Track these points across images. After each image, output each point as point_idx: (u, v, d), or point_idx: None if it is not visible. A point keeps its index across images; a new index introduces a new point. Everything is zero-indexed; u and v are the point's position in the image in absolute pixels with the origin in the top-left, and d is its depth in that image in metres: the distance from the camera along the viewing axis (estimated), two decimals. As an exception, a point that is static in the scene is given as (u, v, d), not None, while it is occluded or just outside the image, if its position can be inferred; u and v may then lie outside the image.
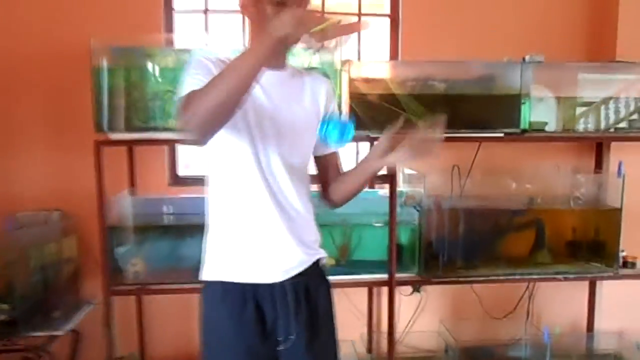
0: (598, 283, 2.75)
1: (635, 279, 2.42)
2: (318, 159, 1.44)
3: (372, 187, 2.62)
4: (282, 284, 1.28)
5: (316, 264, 1.35)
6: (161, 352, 2.66)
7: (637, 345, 2.50)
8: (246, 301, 1.26)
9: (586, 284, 2.79)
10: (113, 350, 2.16)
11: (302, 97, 1.33)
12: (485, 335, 2.71)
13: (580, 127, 2.42)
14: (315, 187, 1.46)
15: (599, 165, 2.69)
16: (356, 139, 2.40)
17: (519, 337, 2.71)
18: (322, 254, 1.38)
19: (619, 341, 2.69)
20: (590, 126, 2.43)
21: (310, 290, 1.33)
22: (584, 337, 2.78)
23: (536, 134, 2.30)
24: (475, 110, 2.27)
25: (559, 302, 2.81)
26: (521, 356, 2.67)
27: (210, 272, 1.30)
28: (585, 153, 2.75)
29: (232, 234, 1.28)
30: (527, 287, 2.75)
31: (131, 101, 2.12)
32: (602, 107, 2.42)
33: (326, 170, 1.45)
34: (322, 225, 1.41)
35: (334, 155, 1.45)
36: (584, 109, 2.43)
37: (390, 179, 2.20)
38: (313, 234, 1.37)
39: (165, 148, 2.56)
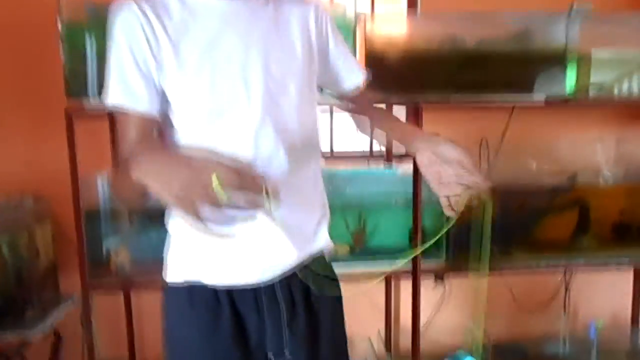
0: (644, 270, 2.44)
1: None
2: (341, 99, 1.21)
3: (390, 164, 2.32)
4: (270, 284, 0.97)
5: (320, 254, 1.07)
6: (153, 355, 2.36)
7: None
8: (221, 309, 0.95)
9: (630, 272, 2.48)
10: (94, 353, 1.87)
11: (285, 30, 0.99)
12: (518, 330, 2.42)
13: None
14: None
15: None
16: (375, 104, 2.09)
17: (556, 332, 2.41)
18: (326, 242, 1.08)
19: (669, 335, 2.39)
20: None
21: (310, 290, 1.02)
22: (628, 331, 2.47)
23: (584, 99, 1.97)
24: (511, 73, 1.95)
25: (598, 292, 2.51)
26: (561, 353, 2.37)
27: (173, 272, 1.00)
28: (629, 120, 2.42)
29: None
30: (564, 276, 2.45)
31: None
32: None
33: (354, 105, 1.24)
34: (332, 209, 1.11)
35: (356, 91, 1.19)
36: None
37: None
38: (316, 216, 1.05)
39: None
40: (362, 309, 2.35)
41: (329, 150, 2.42)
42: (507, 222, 2.06)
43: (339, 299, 1.10)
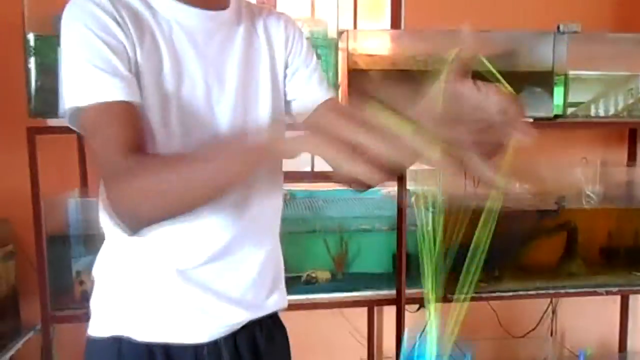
0: (632, 296, 2.39)
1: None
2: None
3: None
4: (214, 342, 0.85)
5: (276, 313, 0.96)
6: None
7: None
8: None
9: (617, 297, 2.42)
10: (55, 391, 1.73)
11: (255, 49, 0.87)
12: (504, 357, 2.34)
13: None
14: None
15: (632, 157, 2.33)
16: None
17: (542, 358, 2.34)
18: (282, 302, 0.96)
19: (657, 362, 2.33)
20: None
21: (258, 344, 0.91)
22: (616, 359, 2.41)
23: (572, 120, 1.93)
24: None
25: (585, 317, 2.44)
26: (547, 381, 2.30)
27: (99, 324, 0.86)
28: (615, 144, 2.38)
29: (134, 263, 0.84)
30: (551, 301, 2.38)
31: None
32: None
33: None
34: (313, 232, 1.01)
35: (331, 102, 0.94)
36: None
37: (398, 175, 1.81)
38: (276, 268, 0.94)
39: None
40: (342, 337, 2.25)
41: (309, 169, 2.34)
42: (494, 245, 1.99)
43: (288, 353, 0.99)
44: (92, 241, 1.87)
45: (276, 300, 0.93)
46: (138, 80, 0.75)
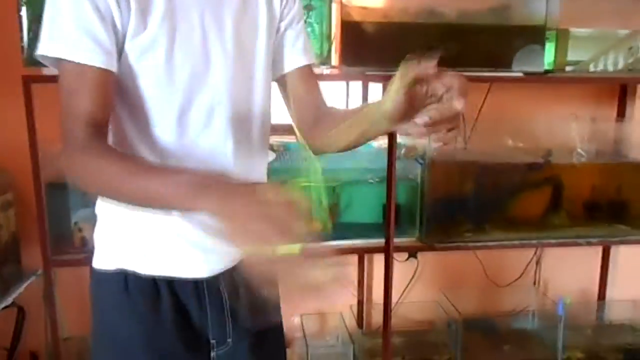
0: (613, 248, 2.48)
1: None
2: (282, 81, 1.00)
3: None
4: (213, 277, 0.92)
5: None
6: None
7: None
8: (161, 298, 0.88)
9: (599, 248, 2.52)
10: (57, 329, 1.81)
11: (255, 12, 0.91)
12: (488, 305, 2.44)
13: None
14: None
15: (621, 113, 2.36)
16: (349, 78, 2.04)
17: (525, 307, 2.45)
18: None
19: (633, 311, 2.44)
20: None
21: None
22: (595, 307, 2.52)
23: (562, 75, 1.95)
24: (490, 46, 1.91)
25: (567, 267, 2.53)
26: (528, 328, 2.41)
27: (105, 258, 0.91)
28: (605, 99, 2.41)
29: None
30: (535, 252, 2.47)
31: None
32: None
33: (300, 95, 0.99)
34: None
35: (305, 72, 0.99)
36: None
37: (388, 127, 1.84)
38: None
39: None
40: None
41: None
42: (482, 198, 2.06)
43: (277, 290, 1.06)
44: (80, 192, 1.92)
45: None
46: (141, 19, 0.79)
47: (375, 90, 2.15)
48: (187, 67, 0.83)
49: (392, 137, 1.85)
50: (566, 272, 2.54)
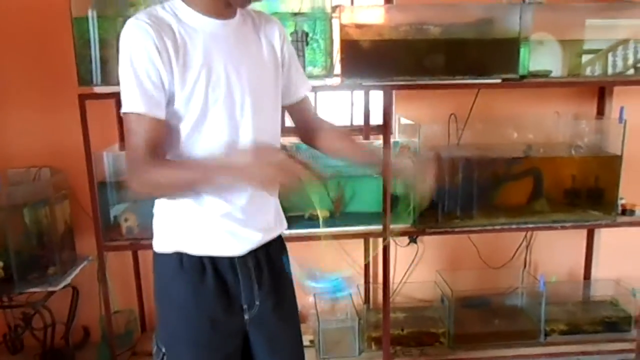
0: (596, 231, 2.73)
1: (634, 227, 2.39)
2: (291, 109, 1.37)
3: (367, 137, 2.57)
4: (243, 255, 1.22)
5: (279, 236, 1.35)
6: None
7: (633, 291, 2.50)
8: (206, 270, 1.20)
9: (584, 232, 2.77)
10: (109, 304, 2.16)
11: (259, 48, 1.22)
12: (482, 284, 2.71)
13: (587, 73, 2.34)
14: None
15: (601, 112, 2.62)
16: (350, 87, 2.33)
17: (515, 287, 2.72)
18: (284, 228, 1.36)
19: (615, 288, 2.69)
20: (597, 73, 2.35)
21: (271, 256, 1.29)
22: (581, 285, 2.78)
23: (534, 80, 2.22)
24: (472, 56, 2.19)
25: (556, 251, 2.80)
26: (518, 304, 2.68)
27: (163, 243, 1.22)
28: (587, 100, 2.67)
29: (196, 202, 1.18)
30: (525, 236, 2.74)
31: (114, 52, 2.04)
32: (610, 54, 2.33)
33: (302, 117, 1.38)
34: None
35: (305, 100, 1.37)
36: (590, 56, 2.35)
37: (384, 128, 2.14)
38: (276, 208, 1.33)
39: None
40: (342, 266, 2.64)
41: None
42: (471, 188, 2.33)
43: (289, 262, 1.38)
44: (126, 188, 2.25)
45: (280, 226, 1.34)
46: (183, 77, 1.10)
47: (375, 97, 2.45)
48: (218, 106, 1.14)
49: (387, 137, 2.14)
50: (555, 254, 2.80)
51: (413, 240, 2.67)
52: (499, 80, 2.16)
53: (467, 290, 2.60)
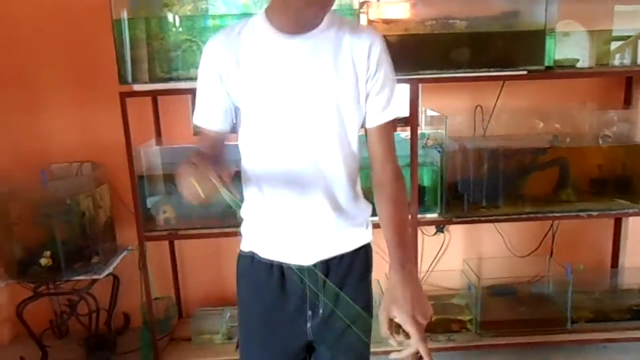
0: (624, 220, 2.74)
1: (662, 215, 2.40)
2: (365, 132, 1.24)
3: (394, 130, 2.63)
4: (312, 265, 1.22)
5: (360, 248, 1.28)
6: (195, 294, 2.80)
7: (660, 280, 2.52)
8: (272, 272, 1.23)
9: (611, 221, 2.78)
10: (149, 291, 2.28)
11: (333, 65, 1.13)
12: (509, 273, 2.75)
13: (615, 62, 2.35)
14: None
15: (628, 102, 2.62)
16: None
17: (542, 275, 2.75)
18: (366, 239, 1.29)
19: (643, 277, 2.70)
20: (626, 61, 2.36)
21: (341, 269, 1.24)
22: (608, 274, 2.80)
23: (559, 71, 2.25)
24: (497, 48, 2.23)
25: (583, 240, 2.82)
26: (544, 292, 2.71)
27: (244, 243, 1.29)
28: (614, 90, 2.67)
29: (265, 209, 1.23)
30: (551, 225, 2.76)
31: (152, 52, 2.15)
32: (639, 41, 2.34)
33: (369, 149, 1.23)
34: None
35: (375, 131, 1.20)
36: (618, 43, 2.36)
37: (411, 120, 2.20)
38: (361, 215, 1.27)
39: (189, 97, 2.60)
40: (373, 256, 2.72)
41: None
42: (497, 178, 2.37)
43: (366, 279, 1.31)
44: (163, 181, 2.37)
45: (353, 240, 1.27)
46: (242, 89, 1.16)
47: (402, 90, 2.50)
48: (273, 119, 1.16)
49: (414, 129, 2.20)
50: (582, 243, 2.82)
51: (440, 229, 2.73)
52: (524, 72, 2.19)
53: (493, 278, 2.66)
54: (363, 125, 1.21)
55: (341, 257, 1.23)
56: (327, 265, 1.22)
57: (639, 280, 2.72)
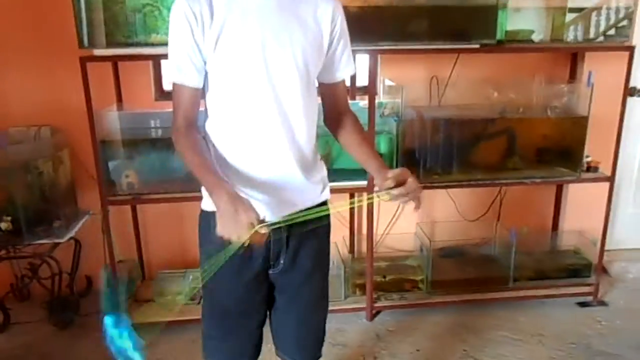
0: (564, 187, 2.94)
1: (597, 182, 2.59)
2: (324, 89, 1.39)
3: (353, 98, 2.71)
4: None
5: (322, 204, 1.38)
6: (157, 257, 2.86)
7: (593, 241, 2.73)
8: None
9: (553, 188, 2.98)
10: (113, 255, 2.32)
11: (304, 21, 1.24)
12: (459, 236, 2.92)
13: (570, 35, 2.47)
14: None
15: (573, 76, 2.78)
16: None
17: (489, 238, 2.94)
18: (326, 195, 1.41)
19: (578, 239, 2.92)
20: (579, 34, 2.49)
21: (309, 231, 1.34)
22: (549, 236, 3.01)
23: (509, 45, 2.37)
24: (453, 22, 2.31)
25: (528, 205, 3.01)
26: (490, 254, 2.91)
27: (206, 202, 1.31)
28: (565, 63, 2.82)
29: (231, 165, 1.28)
30: (499, 191, 2.94)
31: (112, 15, 2.13)
32: (593, 14, 2.46)
33: (332, 101, 1.40)
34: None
35: (340, 85, 1.39)
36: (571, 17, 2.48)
37: (370, 89, 2.28)
38: (320, 172, 1.39)
39: (150, 63, 2.59)
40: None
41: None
42: (450, 147, 2.50)
43: (327, 233, 1.46)
44: (125, 146, 2.38)
45: (325, 193, 1.42)
46: (216, 41, 1.19)
47: (362, 60, 2.57)
48: (253, 71, 1.21)
49: (372, 98, 2.28)
50: (526, 208, 3.01)
51: (395, 195, 2.85)
52: (477, 46, 2.29)
53: (444, 240, 2.83)
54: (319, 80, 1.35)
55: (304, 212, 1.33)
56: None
57: (575, 242, 2.95)
